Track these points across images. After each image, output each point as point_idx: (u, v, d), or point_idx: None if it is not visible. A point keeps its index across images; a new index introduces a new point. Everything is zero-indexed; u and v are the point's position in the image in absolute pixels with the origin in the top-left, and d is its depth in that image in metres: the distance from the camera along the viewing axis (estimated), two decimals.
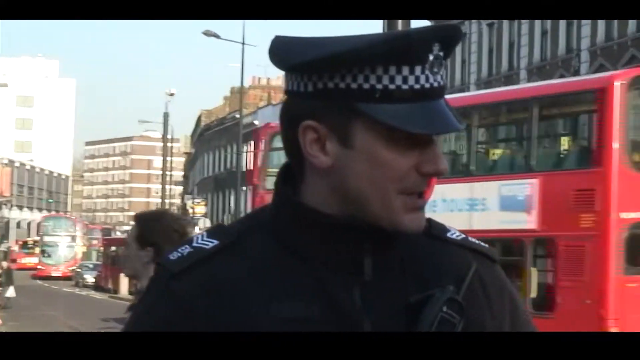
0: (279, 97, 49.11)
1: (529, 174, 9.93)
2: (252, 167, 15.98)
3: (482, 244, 0.91)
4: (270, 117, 43.30)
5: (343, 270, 0.82)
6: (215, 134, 51.18)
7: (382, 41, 0.80)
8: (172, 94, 41.72)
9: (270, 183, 15.21)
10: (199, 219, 36.88)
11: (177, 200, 63.57)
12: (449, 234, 0.90)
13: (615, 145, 9.19)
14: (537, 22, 25.19)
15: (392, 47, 0.79)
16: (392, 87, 0.80)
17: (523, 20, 23.40)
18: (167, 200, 42.41)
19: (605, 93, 9.40)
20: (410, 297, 0.82)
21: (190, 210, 41.81)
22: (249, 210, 13.78)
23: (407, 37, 0.80)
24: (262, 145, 15.01)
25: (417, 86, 0.80)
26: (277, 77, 53.22)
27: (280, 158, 14.32)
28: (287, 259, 0.82)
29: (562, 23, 24.24)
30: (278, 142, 15.97)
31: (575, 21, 22.92)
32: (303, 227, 0.83)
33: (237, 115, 40.95)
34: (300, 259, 0.82)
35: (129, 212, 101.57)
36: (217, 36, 28.16)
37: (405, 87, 0.80)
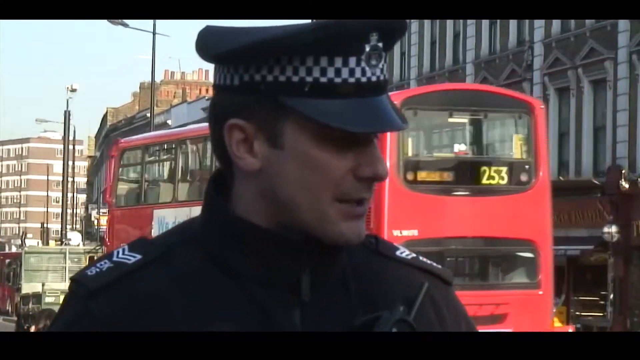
0: (195, 93, 46.27)
1: None
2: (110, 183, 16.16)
3: (435, 264, 0.86)
4: (185, 115, 41.04)
5: (279, 289, 0.76)
6: (123, 135, 46.64)
7: (313, 28, 0.73)
8: (74, 90, 38.70)
9: (121, 200, 15.08)
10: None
11: (81, 210, 58.61)
12: (397, 252, 0.85)
13: (388, 164, 9.40)
14: None
15: (324, 34, 0.73)
16: (323, 80, 0.74)
17: None
18: (68, 210, 38.67)
19: None
20: (356, 319, 0.77)
21: (95, 222, 37.77)
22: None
23: (340, 25, 0.75)
24: (113, 162, 14.98)
25: (351, 79, 0.74)
26: (192, 71, 50.19)
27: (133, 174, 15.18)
28: (217, 275, 0.76)
29: None
30: (130, 158, 15.46)
31: None
32: (232, 239, 0.77)
33: (148, 115, 37.81)
34: (231, 276, 0.76)
35: (26, 223, 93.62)
36: (124, 25, 24.65)
37: (338, 80, 0.74)
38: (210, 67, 0.80)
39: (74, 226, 51.51)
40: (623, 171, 19.62)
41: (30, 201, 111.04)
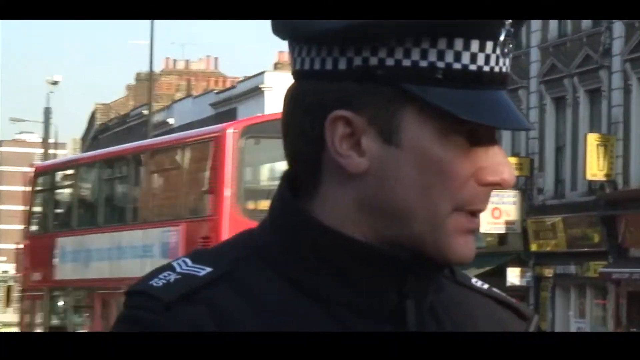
0: (202, 86, 40.18)
1: (176, 222, 11.94)
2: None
3: (510, 298, 0.84)
4: (190, 112, 35.57)
5: (376, 316, 0.69)
6: (115, 136, 40.26)
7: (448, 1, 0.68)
8: (55, 83, 34.50)
9: (35, 227, 16.38)
10: None
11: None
12: (473, 282, 0.81)
13: (227, 193, 10.76)
14: None
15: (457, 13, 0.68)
16: (457, 66, 0.67)
17: None
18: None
19: (219, 142, 11.29)
20: None
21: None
22: None
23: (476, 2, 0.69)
24: (28, 187, 16.85)
25: (486, 68, 0.68)
26: (198, 59, 43.94)
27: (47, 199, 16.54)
28: (299, 299, 0.68)
29: None
30: (43, 183, 16.60)
31: None
32: (320, 256, 0.69)
33: (145, 112, 32.97)
34: (315, 300, 0.68)
35: None
36: None
37: (472, 67, 0.67)
38: (221, 55, 0.28)
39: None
40: None
41: (2, 217, 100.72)
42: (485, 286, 0.82)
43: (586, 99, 22.16)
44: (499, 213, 22.27)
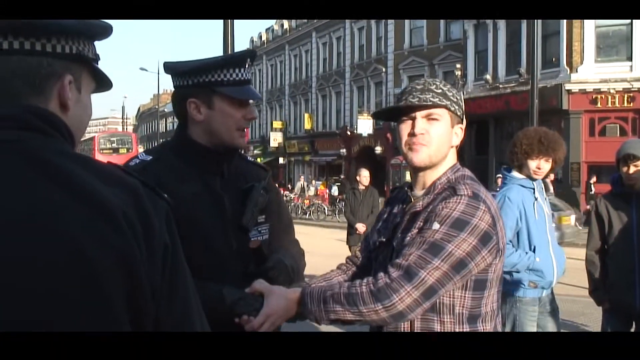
0: None
1: None
2: None
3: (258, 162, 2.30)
4: None
5: (212, 173, 1.98)
6: None
7: (227, 57, 2.01)
8: None
9: None
10: None
11: None
12: (248, 158, 2.22)
13: None
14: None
15: (231, 59, 1.94)
16: (230, 78, 1.93)
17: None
18: None
19: None
20: (242, 186, 2.00)
21: None
22: None
23: (239, 54, 1.97)
24: None
25: (240, 78, 1.94)
26: None
27: None
28: (185, 167, 1.95)
29: None
30: None
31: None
32: (191, 151, 1.96)
33: None
34: (192, 167, 1.95)
35: None
36: None
37: (236, 78, 1.93)
38: None
39: None
40: None
41: None
42: (252, 159, 2.25)
43: None
44: None
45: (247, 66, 1.93)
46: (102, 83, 1.20)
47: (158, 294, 1.02)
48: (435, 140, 1.83)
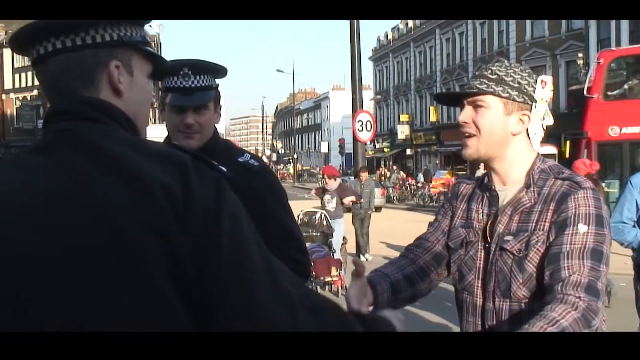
0: None
1: None
2: None
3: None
4: None
5: None
6: None
7: (169, 64, 1.37)
8: None
9: None
10: None
11: None
12: (240, 159, 2.09)
13: None
14: None
15: (170, 67, 1.49)
16: (168, 85, 2.04)
17: None
18: None
19: None
20: None
21: None
22: None
23: (175, 64, 2.03)
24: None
25: (175, 85, 2.03)
26: None
27: None
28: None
29: None
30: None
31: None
32: None
33: None
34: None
35: None
36: None
37: (172, 85, 2.04)
38: None
39: None
40: None
41: None
42: (248, 160, 2.07)
43: None
44: None
45: (182, 74, 1.99)
46: (159, 64, 1.19)
47: (209, 268, 0.94)
48: (484, 129, 1.65)
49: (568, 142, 13.09)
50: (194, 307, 0.94)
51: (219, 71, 2.07)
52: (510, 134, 1.66)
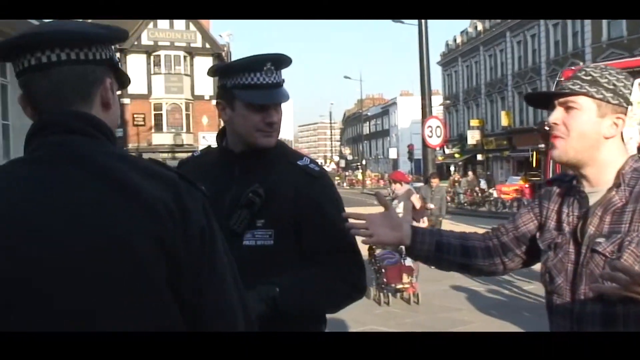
0: None
1: None
2: None
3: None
4: None
5: (222, 172, 1.94)
6: None
7: (245, 61, 1.89)
8: None
9: None
10: None
11: None
12: (300, 163, 1.99)
13: None
14: None
15: (248, 64, 1.87)
16: (246, 82, 1.88)
17: None
18: None
19: None
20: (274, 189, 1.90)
21: None
22: None
23: (258, 58, 1.89)
24: None
25: (258, 82, 1.88)
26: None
27: None
28: (208, 165, 1.98)
29: None
30: None
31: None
32: (214, 150, 2.07)
33: None
34: (212, 165, 1.99)
35: None
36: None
37: (251, 82, 1.88)
38: None
39: None
40: None
41: None
42: (308, 164, 1.95)
43: None
44: None
45: (265, 70, 1.85)
46: (123, 82, 1.25)
47: (199, 276, 1.06)
48: (574, 131, 1.58)
49: None
50: (185, 309, 1.06)
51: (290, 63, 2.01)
52: (603, 137, 1.59)
